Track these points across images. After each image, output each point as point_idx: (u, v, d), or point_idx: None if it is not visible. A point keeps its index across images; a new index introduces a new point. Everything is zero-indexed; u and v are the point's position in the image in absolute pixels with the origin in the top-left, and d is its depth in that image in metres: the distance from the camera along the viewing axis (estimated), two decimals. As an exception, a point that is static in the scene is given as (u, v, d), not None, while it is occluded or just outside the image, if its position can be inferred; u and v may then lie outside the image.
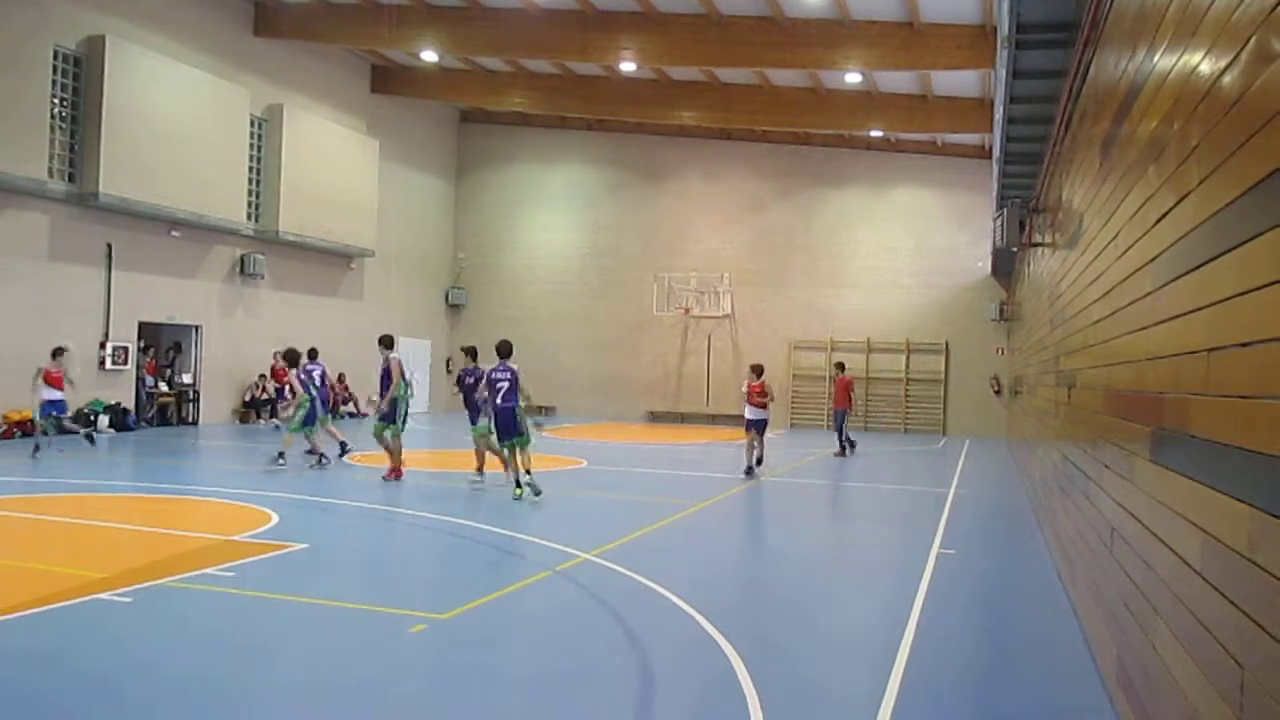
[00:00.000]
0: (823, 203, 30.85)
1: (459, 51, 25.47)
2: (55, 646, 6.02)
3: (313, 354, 16.28)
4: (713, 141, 31.49)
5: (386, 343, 14.77)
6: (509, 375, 12.76)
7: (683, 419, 30.79)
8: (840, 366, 22.34)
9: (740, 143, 31.25)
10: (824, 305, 30.50)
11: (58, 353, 16.16)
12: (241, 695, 5.35)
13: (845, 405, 21.34)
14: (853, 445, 21.41)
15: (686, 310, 31.03)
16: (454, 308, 34.05)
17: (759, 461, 16.41)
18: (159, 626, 6.59)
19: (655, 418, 31.45)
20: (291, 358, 15.85)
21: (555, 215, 33.53)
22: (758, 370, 16.90)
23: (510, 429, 12.67)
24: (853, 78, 23.97)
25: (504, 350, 13.08)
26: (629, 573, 8.38)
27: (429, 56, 26.69)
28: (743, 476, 15.97)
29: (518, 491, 12.48)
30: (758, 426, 16.35)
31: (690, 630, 6.75)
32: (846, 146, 30.28)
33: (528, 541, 9.79)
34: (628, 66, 25.34)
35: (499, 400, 12.65)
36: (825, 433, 20.99)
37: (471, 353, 14.82)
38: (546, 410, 32.25)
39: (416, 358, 32.08)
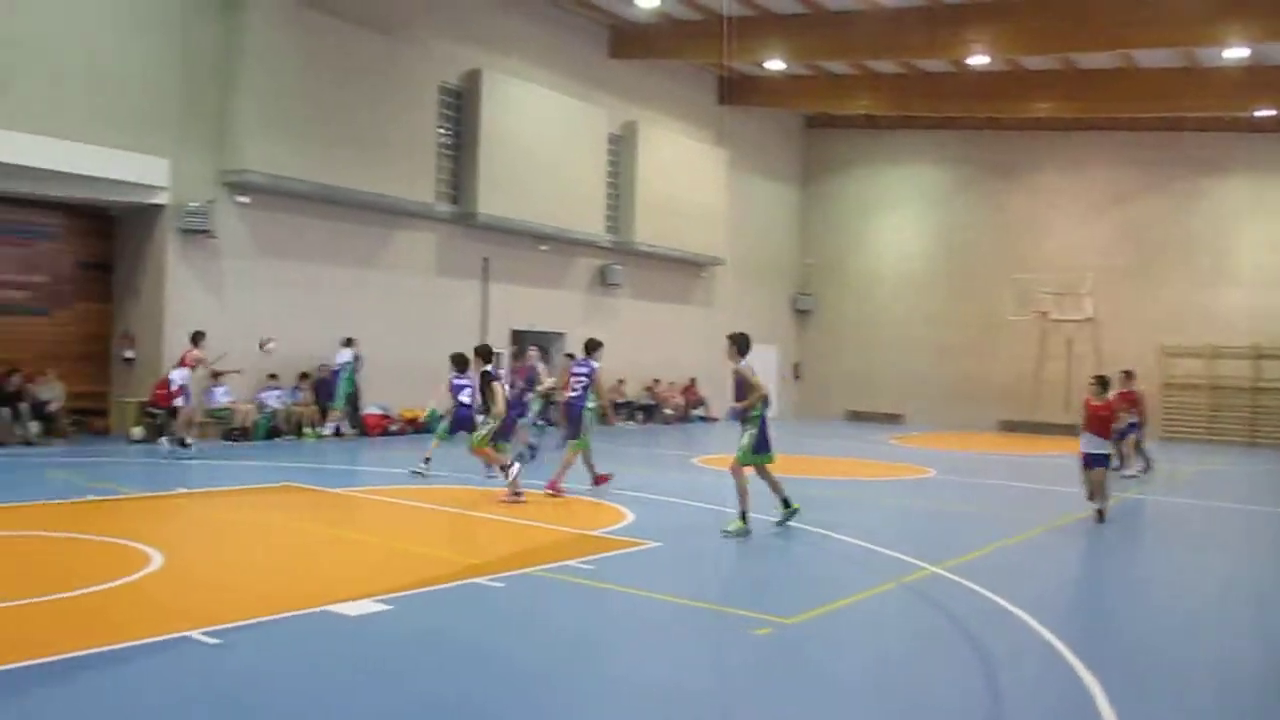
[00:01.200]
0: (1198, 193, 28.12)
1: (804, 58, 25.59)
2: (441, 623, 6.71)
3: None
4: (1070, 133, 29.54)
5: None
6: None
7: (1039, 429, 29.03)
8: (1128, 375, 18.15)
9: (1101, 132, 29.09)
10: (1201, 306, 27.75)
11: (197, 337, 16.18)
12: (592, 685, 5.72)
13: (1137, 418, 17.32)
14: (1120, 463, 16.28)
15: (1044, 313, 29.30)
16: (801, 313, 34.21)
17: (1100, 515, 11.95)
18: (526, 612, 7.15)
19: (1008, 427, 29.90)
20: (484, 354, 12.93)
21: (903, 216, 32.84)
22: (1101, 383, 12.56)
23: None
24: (1235, 53, 21.65)
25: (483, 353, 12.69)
26: (979, 589, 8.07)
27: (774, 65, 27.02)
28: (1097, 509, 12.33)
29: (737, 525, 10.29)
30: (1099, 463, 12.07)
31: (1043, 653, 6.40)
32: (1226, 130, 27.37)
33: (874, 551, 9.68)
34: (978, 60, 24.36)
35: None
36: (1202, 447, 19.05)
37: (739, 341, 10.76)
38: (893, 418, 31.61)
39: (764, 364, 32.48)
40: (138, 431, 17.13)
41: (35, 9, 15.92)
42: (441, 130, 22.04)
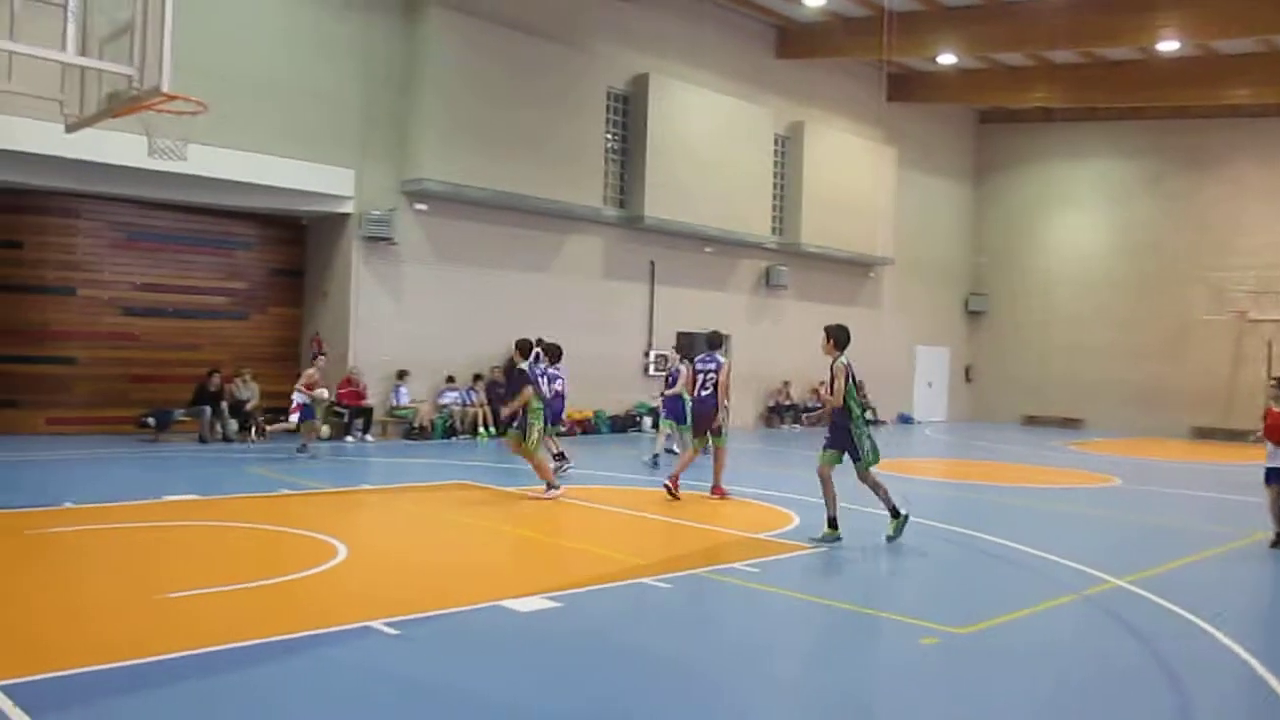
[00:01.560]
0: None
1: (978, 51, 24.83)
2: (608, 622, 6.84)
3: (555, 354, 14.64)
4: (1270, 119, 27.63)
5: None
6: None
7: (1234, 436, 27.26)
8: None
9: (1309, 118, 27.12)
10: None
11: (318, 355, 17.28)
12: (757, 690, 5.70)
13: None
14: None
15: (1241, 313, 27.51)
16: (973, 314, 33.21)
17: (1277, 539, 10.59)
18: (692, 613, 7.20)
19: (1201, 434, 28.21)
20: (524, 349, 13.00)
21: (1084, 213, 31.43)
22: None
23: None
24: None
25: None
26: (1166, 603, 7.67)
27: (946, 60, 26.32)
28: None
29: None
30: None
31: (1241, 674, 6.03)
32: None
33: (1053, 561, 9.32)
34: (1168, 46, 23.09)
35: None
36: None
37: (837, 335, 10.12)
38: (1073, 423, 30.31)
39: (933, 365, 31.76)
40: (324, 429, 18.06)
41: (234, 34, 17.02)
42: (609, 135, 22.40)
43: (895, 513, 9.91)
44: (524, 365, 12.50)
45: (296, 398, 16.00)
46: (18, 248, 17.31)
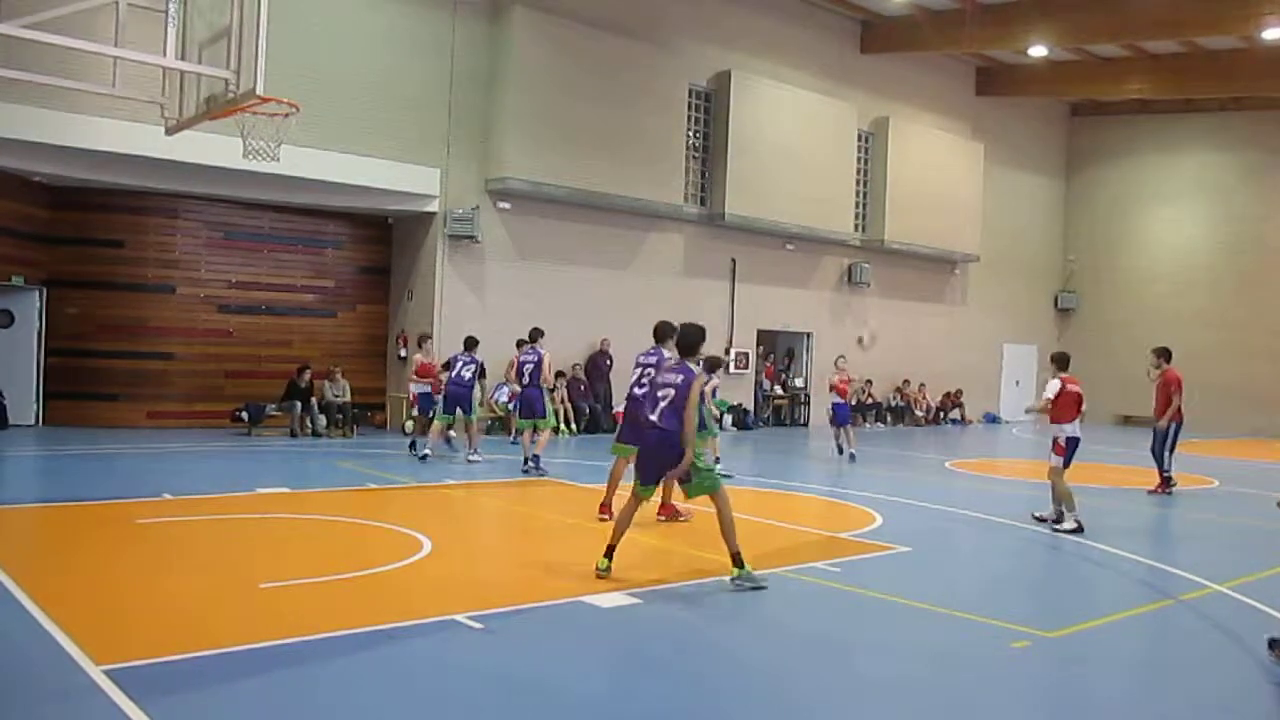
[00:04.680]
0: None
1: (1072, 42, 24.21)
2: (688, 620, 6.85)
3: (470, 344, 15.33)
4: (1385, 109, 26.51)
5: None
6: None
7: (1343, 437, 26.21)
8: (1163, 355, 14.38)
9: None
10: None
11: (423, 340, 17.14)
12: (839, 691, 5.65)
13: (1174, 417, 14.03)
14: (1167, 482, 14.14)
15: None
16: (1063, 311, 32.43)
17: None
18: (772, 613, 7.15)
19: (1306, 435, 27.17)
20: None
21: (1181, 209, 30.47)
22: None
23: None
24: None
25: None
26: (1270, 610, 7.40)
27: (1038, 52, 25.73)
28: None
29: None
30: None
31: (1349, 687, 5.79)
32: None
33: (1148, 565, 9.06)
34: (1273, 33, 22.23)
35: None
36: None
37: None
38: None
39: (1021, 363, 31.10)
40: (410, 426, 18.33)
41: (323, 37, 17.40)
42: (691, 132, 22.36)
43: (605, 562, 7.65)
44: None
45: (414, 388, 16.60)
46: (119, 246, 17.92)
